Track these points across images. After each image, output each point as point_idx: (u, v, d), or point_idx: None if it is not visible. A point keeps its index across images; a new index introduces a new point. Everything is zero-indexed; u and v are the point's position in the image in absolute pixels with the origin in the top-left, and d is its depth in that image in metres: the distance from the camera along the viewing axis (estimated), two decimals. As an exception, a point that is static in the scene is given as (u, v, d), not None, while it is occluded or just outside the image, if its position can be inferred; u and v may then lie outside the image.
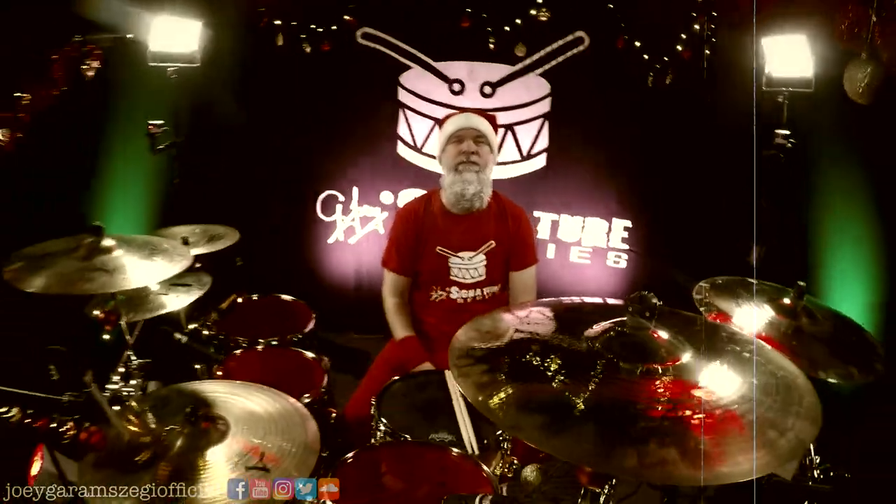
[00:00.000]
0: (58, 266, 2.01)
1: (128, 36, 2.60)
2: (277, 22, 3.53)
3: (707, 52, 3.37)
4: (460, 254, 2.56)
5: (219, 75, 3.62)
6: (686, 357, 1.21)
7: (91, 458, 1.47)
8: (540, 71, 3.90)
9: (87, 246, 2.10)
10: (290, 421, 1.61)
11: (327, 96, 4.01)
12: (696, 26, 3.31)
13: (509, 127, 4.03)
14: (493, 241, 2.58)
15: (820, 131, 3.19)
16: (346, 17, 3.64)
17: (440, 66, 3.97)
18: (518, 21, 3.59)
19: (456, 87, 3.99)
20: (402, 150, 4.18)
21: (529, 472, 1.85)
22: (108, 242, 2.13)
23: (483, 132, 2.59)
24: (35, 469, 2.28)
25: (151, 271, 2.11)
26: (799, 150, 2.96)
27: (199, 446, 1.47)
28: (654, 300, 1.24)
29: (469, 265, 2.56)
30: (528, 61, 3.88)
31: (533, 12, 3.54)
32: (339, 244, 4.33)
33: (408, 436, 1.93)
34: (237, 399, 1.66)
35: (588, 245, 4.12)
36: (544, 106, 3.97)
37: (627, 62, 3.63)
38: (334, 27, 3.64)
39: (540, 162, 4.08)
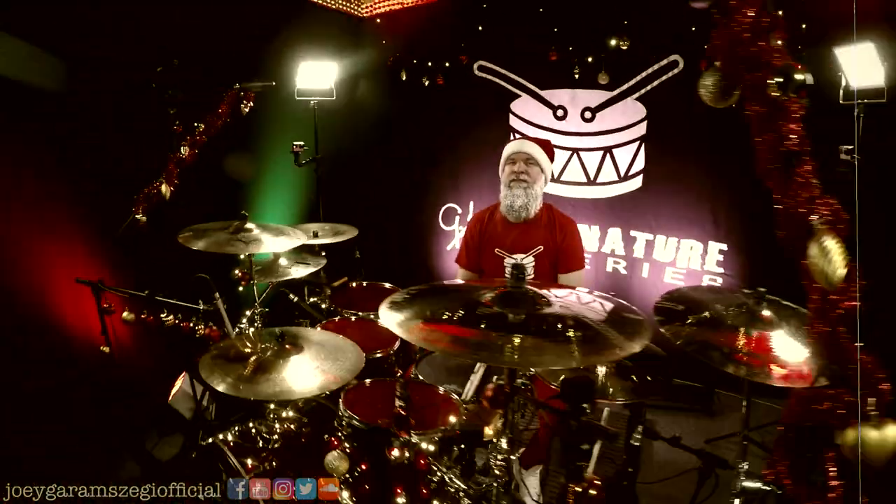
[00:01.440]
0: (214, 236, 2.93)
1: (272, 83, 3.61)
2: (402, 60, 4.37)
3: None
4: (514, 255, 3.02)
5: (355, 107, 4.63)
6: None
7: (211, 352, 2.18)
8: (637, 95, 4.09)
9: (235, 226, 3.03)
10: (346, 353, 2.19)
11: (451, 122, 4.72)
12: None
13: (608, 150, 4.28)
14: (541, 246, 3.01)
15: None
16: (461, 56, 4.32)
17: (545, 94, 4.41)
18: (601, 53, 3.88)
19: (559, 112, 4.38)
20: (511, 169, 4.68)
21: (333, 458, 1.88)
22: (250, 225, 3.04)
23: (533, 155, 3.04)
24: (175, 387, 3.22)
25: (275, 244, 2.99)
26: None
27: (281, 357, 2.12)
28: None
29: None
30: (624, 87, 4.10)
31: (613, 42, 3.80)
32: (455, 251, 4.96)
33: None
34: (319, 336, 2.32)
35: (682, 266, 4.14)
36: (641, 129, 4.14)
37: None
38: (447, 63, 4.34)
39: (636, 183, 4.24)
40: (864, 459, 1.47)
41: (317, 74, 4.08)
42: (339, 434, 2.08)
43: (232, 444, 2.12)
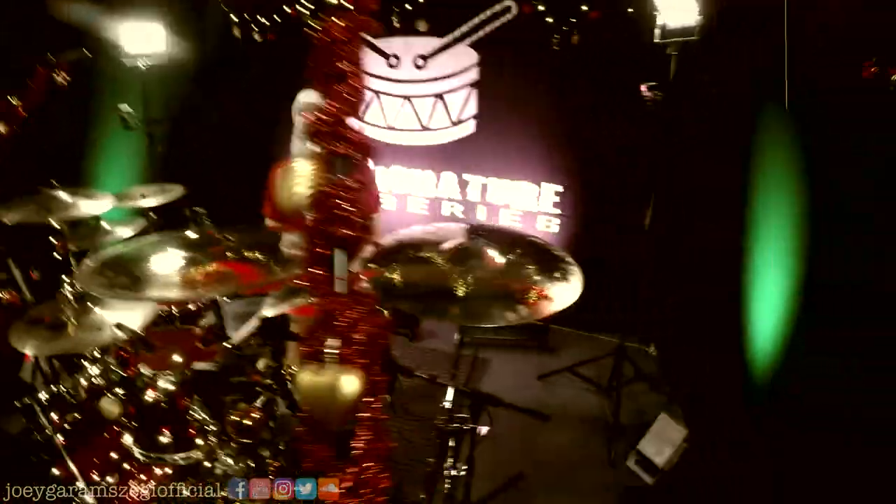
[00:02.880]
0: (25, 208, 2.81)
1: (87, 54, 3.18)
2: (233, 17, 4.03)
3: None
4: None
5: (187, 67, 4.26)
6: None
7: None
8: (469, 42, 4.18)
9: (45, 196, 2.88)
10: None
11: (284, 75, 4.42)
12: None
13: (440, 95, 4.33)
14: None
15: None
16: (288, 10, 4.09)
17: (380, 42, 4.33)
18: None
19: (392, 60, 4.33)
20: (346, 117, 4.55)
21: (106, 402, 2.01)
22: (60, 194, 2.90)
23: None
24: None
25: (85, 208, 2.92)
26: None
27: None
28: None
29: None
30: (457, 33, 4.17)
31: None
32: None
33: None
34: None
35: (518, 208, 4.38)
36: (473, 74, 4.25)
37: (540, 28, 3.88)
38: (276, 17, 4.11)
39: (469, 128, 4.36)
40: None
41: (144, 36, 3.75)
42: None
43: (45, 401, 2.18)
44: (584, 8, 3.64)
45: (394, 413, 3.22)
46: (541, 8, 3.76)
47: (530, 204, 4.34)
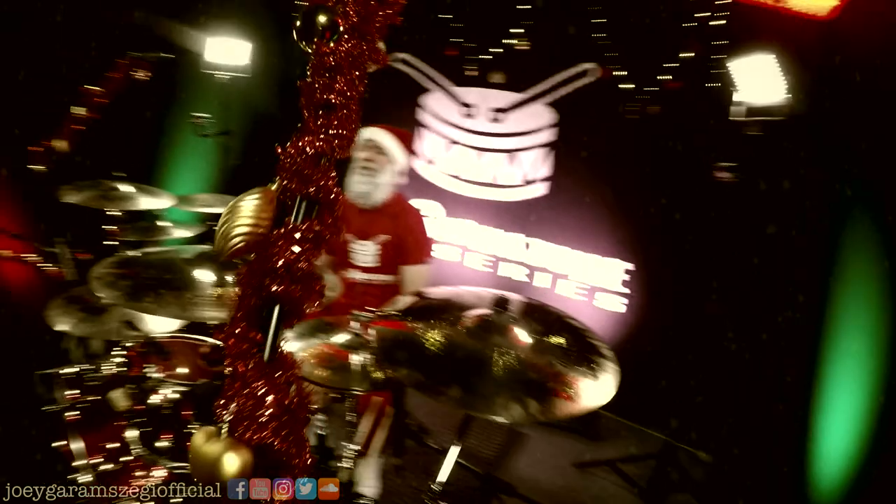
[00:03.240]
0: (88, 192, 2.94)
1: (171, 56, 3.42)
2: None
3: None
4: (361, 241, 2.90)
5: (269, 83, 4.39)
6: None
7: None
8: (547, 101, 4.03)
9: (110, 185, 3.05)
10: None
11: (369, 108, 4.50)
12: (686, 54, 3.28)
13: (513, 152, 4.19)
14: (387, 235, 2.90)
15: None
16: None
17: (457, 91, 4.28)
18: (499, 49, 3.80)
19: (468, 111, 4.26)
20: (419, 165, 4.53)
21: (117, 394, 2.06)
22: (124, 186, 3.07)
23: (382, 145, 2.92)
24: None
25: (143, 203, 3.05)
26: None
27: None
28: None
29: (363, 251, 2.91)
30: (534, 91, 4.04)
31: (513, 42, 3.74)
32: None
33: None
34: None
35: (582, 281, 4.09)
36: (549, 135, 4.07)
37: (618, 94, 3.65)
38: None
39: (540, 189, 4.16)
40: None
41: (228, 49, 3.93)
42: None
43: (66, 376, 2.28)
44: (666, 77, 3.39)
45: (396, 477, 3.05)
46: (620, 73, 3.54)
47: (595, 278, 4.04)
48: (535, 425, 3.78)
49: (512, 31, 3.80)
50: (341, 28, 1.57)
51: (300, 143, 1.58)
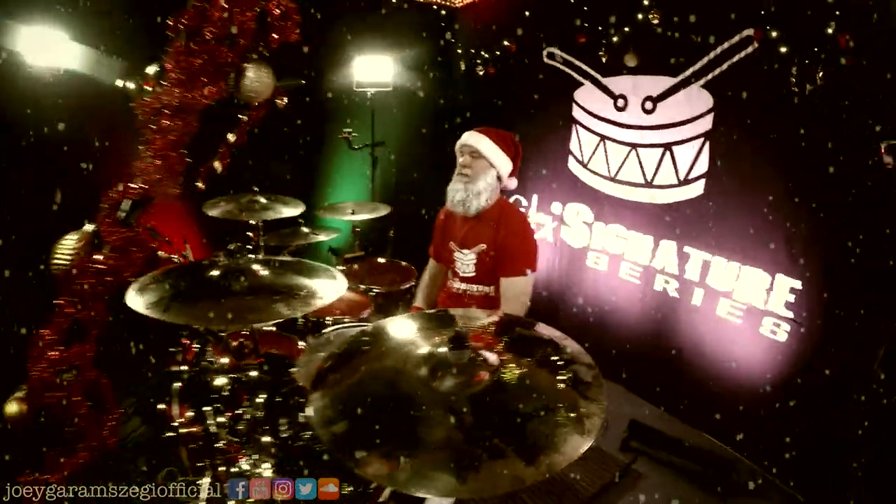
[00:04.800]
0: (227, 206, 3.50)
1: (302, 81, 3.91)
2: (459, 50, 4.22)
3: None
4: (463, 250, 2.84)
5: (413, 96, 4.65)
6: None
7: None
8: (703, 82, 3.31)
9: (248, 198, 3.58)
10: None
11: (514, 112, 4.42)
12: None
13: (668, 146, 3.56)
14: (484, 244, 2.77)
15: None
16: (506, 43, 4.01)
17: (607, 81, 3.84)
18: (626, 29, 3.20)
19: (620, 102, 3.78)
20: (572, 164, 4.21)
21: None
22: (260, 198, 3.59)
23: (478, 149, 2.77)
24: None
25: (277, 213, 3.52)
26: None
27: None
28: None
29: (465, 260, 2.83)
30: (688, 72, 3.35)
31: (640, 17, 3.11)
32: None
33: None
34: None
35: (741, 301, 3.26)
36: (706, 123, 3.35)
37: (790, 63, 2.77)
38: (498, 53, 4.06)
39: (697, 189, 3.45)
40: None
41: (374, 67, 4.32)
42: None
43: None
44: (829, 31, 2.42)
45: None
46: (773, 34, 2.68)
47: (757, 298, 3.17)
48: (658, 463, 3.18)
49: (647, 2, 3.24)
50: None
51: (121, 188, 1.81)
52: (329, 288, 2.00)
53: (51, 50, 2.93)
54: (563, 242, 4.34)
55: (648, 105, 3.62)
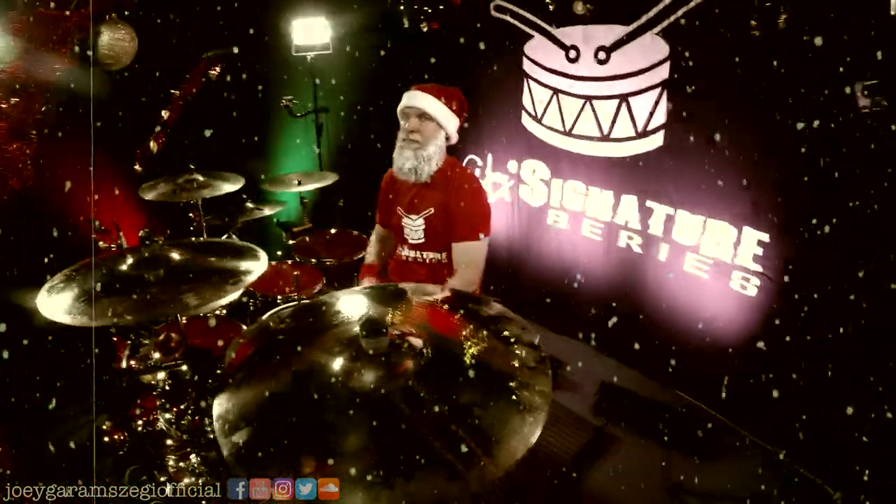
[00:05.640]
0: (162, 188, 3.24)
1: (234, 49, 3.55)
2: (401, 6, 3.90)
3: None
4: (411, 216, 2.66)
5: (353, 58, 4.31)
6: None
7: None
8: (658, 29, 3.15)
9: (184, 178, 3.31)
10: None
11: (463, 68, 4.16)
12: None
13: (624, 97, 3.42)
14: (432, 208, 2.60)
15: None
16: None
17: (558, 32, 3.62)
18: None
19: (572, 53, 3.58)
20: (525, 120, 4.03)
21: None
22: (197, 176, 3.33)
23: (426, 111, 2.53)
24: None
25: (214, 190, 3.27)
26: None
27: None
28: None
29: (414, 227, 2.67)
30: (643, 19, 3.18)
31: None
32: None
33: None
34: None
35: (708, 255, 3.22)
36: (663, 72, 3.21)
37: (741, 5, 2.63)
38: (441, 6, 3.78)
39: (656, 141, 3.35)
40: None
41: (312, 30, 4.00)
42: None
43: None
44: None
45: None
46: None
47: (725, 252, 3.14)
48: (629, 428, 3.20)
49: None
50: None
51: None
52: (253, 268, 1.94)
53: None
54: (522, 201, 4.21)
55: (602, 55, 3.44)
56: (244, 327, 2.82)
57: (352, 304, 1.66)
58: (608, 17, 3.33)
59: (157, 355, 2.49)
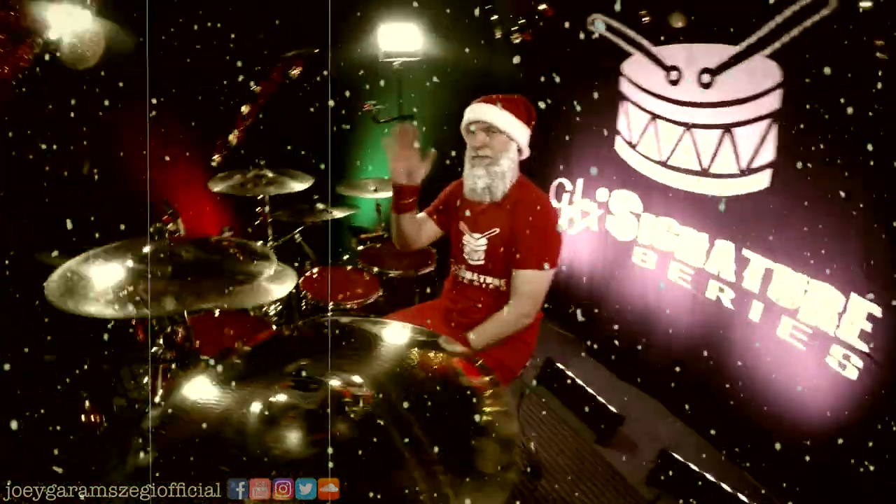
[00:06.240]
0: (231, 181, 3.37)
1: (316, 50, 3.61)
2: (494, 17, 3.72)
3: None
4: (474, 234, 2.46)
5: (444, 67, 4.21)
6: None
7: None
8: (769, 51, 2.67)
9: (254, 172, 3.42)
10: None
11: (562, 83, 3.88)
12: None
13: (727, 128, 2.95)
14: (497, 228, 2.40)
15: None
16: (542, 7, 3.45)
17: (658, 51, 3.23)
18: None
19: (673, 75, 3.17)
20: (619, 145, 3.66)
21: None
22: (267, 172, 3.43)
23: (493, 123, 2.33)
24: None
25: (283, 188, 3.37)
26: None
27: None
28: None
29: (475, 246, 2.46)
30: (753, 38, 2.71)
31: None
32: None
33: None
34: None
35: (807, 322, 2.67)
36: (772, 101, 2.71)
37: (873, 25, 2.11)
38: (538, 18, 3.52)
39: (761, 181, 2.84)
40: None
41: (401, 35, 3.96)
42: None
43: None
44: None
45: None
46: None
47: (827, 321, 2.58)
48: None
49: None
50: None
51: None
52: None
53: None
54: (609, 234, 3.84)
55: (705, 78, 3.01)
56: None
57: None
58: (714, 35, 2.90)
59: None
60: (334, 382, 1.29)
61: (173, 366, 2.03)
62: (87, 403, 2.55)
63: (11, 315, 2.73)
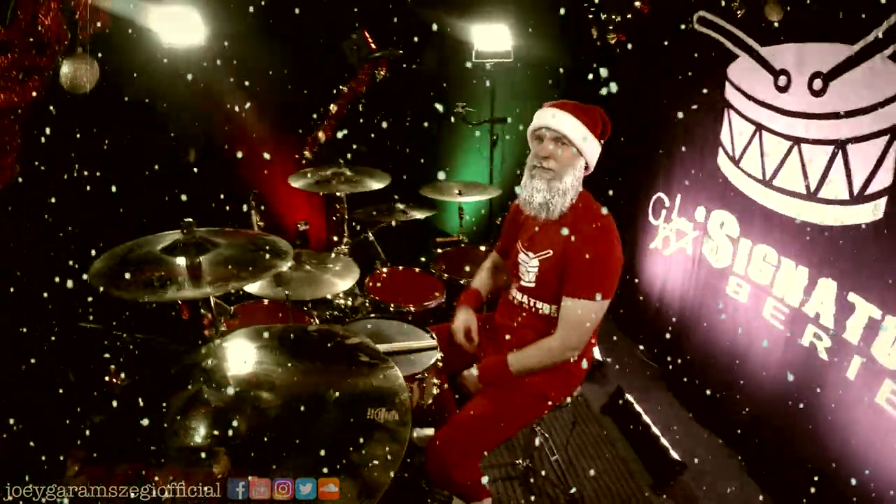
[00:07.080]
0: (312, 177, 3.50)
1: (400, 52, 3.58)
2: (590, 15, 3.44)
3: None
4: (528, 252, 2.31)
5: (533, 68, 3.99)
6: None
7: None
8: (891, 51, 2.15)
9: (332, 170, 3.53)
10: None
11: (661, 89, 3.52)
12: None
13: (840, 144, 2.45)
14: (550, 250, 2.22)
15: None
16: (637, 4, 3.10)
17: (766, 51, 2.77)
18: None
19: (781, 80, 2.71)
20: (721, 160, 3.21)
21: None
22: (345, 170, 3.51)
23: (565, 134, 2.13)
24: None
25: (361, 187, 3.39)
26: None
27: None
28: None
29: (528, 266, 2.29)
30: (871, 37, 2.20)
31: None
32: (655, 252, 3.83)
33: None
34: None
35: (917, 386, 2.13)
36: (895, 113, 2.18)
37: None
38: (629, 15, 3.18)
39: (875, 210, 2.33)
40: None
41: (493, 35, 3.86)
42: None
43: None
44: None
45: None
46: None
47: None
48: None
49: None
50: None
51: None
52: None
53: None
54: (704, 258, 3.41)
55: (817, 84, 2.54)
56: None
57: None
58: (827, 32, 2.43)
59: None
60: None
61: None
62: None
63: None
